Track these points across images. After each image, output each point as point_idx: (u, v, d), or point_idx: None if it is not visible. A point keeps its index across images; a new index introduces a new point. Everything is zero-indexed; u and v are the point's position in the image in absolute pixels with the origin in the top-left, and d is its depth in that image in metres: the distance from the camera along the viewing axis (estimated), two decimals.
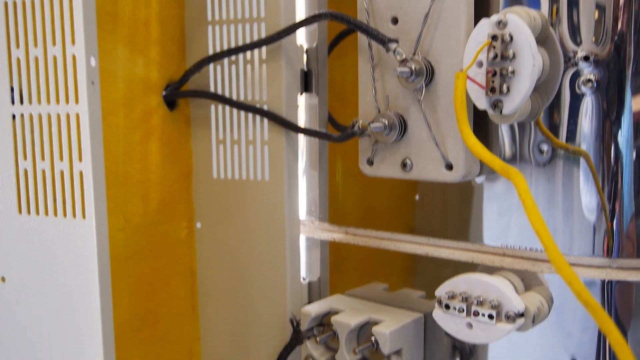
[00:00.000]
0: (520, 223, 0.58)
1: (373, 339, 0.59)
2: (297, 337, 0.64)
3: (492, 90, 0.48)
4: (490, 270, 0.58)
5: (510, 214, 0.59)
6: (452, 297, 0.55)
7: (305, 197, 0.70)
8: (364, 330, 0.63)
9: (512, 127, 0.58)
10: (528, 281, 0.57)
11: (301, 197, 0.68)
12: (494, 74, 0.48)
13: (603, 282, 0.55)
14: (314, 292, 0.72)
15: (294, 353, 0.66)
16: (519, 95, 0.47)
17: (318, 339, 0.62)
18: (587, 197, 0.56)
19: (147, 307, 0.66)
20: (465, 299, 0.54)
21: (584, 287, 0.41)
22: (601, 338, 0.57)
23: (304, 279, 0.71)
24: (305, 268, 0.71)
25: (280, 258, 0.65)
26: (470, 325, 0.54)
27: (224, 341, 0.71)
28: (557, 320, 0.57)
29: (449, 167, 0.54)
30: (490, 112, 0.49)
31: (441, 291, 0.55)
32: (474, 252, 0.58)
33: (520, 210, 0.59)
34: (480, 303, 0.53)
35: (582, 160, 0.55)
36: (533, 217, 0.42)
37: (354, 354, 0.60)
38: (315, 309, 0.64)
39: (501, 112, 0.48)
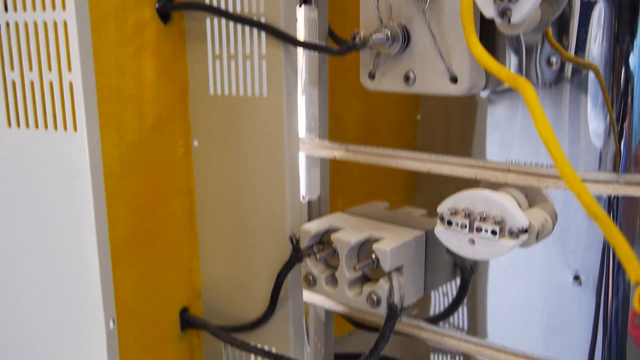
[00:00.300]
0: (525, 138, 0.56)
1: (373, 256, 0.58)
2: (296, 255, 0.64)
3: None
4: (494, 186, 0.57)
5: (514, 129, 0.57)
6: (454, 213, 0.54)
7: (304, 114, 0.68)
8: (364, 248, 0.62)
9: (519, 40, 0.56)
10: (532, 197, 0.56)
11: (300, 114, 0.66)
12: None
13: (609, 198, 0.54)
14: (313, 211, 0.71)
15: (293, 271, 0.66)
16: (528, 2, 0.45)
17: (318, 257, 0.62)
18: (595, 122, 0.55)
19: (144, 225, 0.65)
20: (468, 215, 0.53)
21: (592, 199, 0.40)
22: (606, 253, 0.56)
23: (303, 197, 0.70)
24: (305, 187, 0.70)
25: (280, 176, 0.64)
26: (472, 242, 0.53)
27: (223, 260, 0.71)
28: (561, 236, 0.57)
29: (454, 79, 0.52)
30: (497, 20, 0.47)
31: (443, 207, 0.55)
32: (477, 168, 0.57)
33: (525, 125, 0.58)
34: (483, 219, 0.52)
35: (590, 81, 0.54)
36: (541, 126, 0.41)
37: (354, 270, 0.60)
38: (315, 226, 0.63)
39: (509, 20, 0.46)
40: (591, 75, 0.55)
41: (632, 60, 0.52)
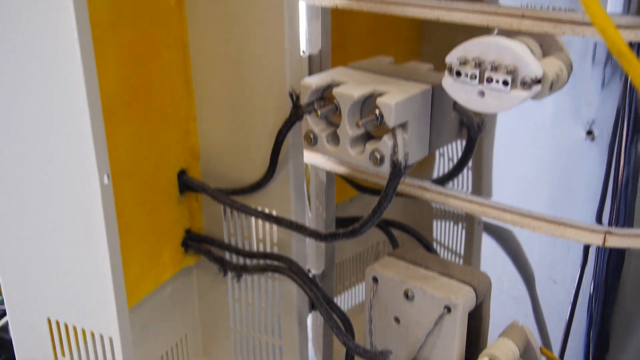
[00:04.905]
0: None
1: (377, 111, 0.55)
2: (296, 112, 0.61)
3: None
4: (508, 34, 0.53)
5: None
6: (464, 62, 0.51)
7: None
8: (367, 104, 0.59)
9: None
10: (547, 46, 0.53)
11: None
12: None
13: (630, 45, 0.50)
14: (314, 66, 0.68)
15: (293, 131, 0.63)
16: None
17: (319, 113, 0.59)
18: None
19: (137, 80, 0.62)
20: (479, 65, 0.50)
21: (619, 35, 0.36)
22: (622, 107, 0.53)
23: (303, 52, 0.67)
24: (306, 40, 0.66)
25: (278, 27, 0.60)
26: (482, 94, 0.51)
27: (221, 119, 0.68)
28: (575, 88, 0.54)
29: None
30: None
31: (452, 57, 0.51)
32: (489, 14, 0.53)
33: None
34: (495, 68, 0.49)
35: None
36: None
37: (356, 127, 0.57)
38: (315, 81, 0.60)
39: None
40: None
41: None
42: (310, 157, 0.70)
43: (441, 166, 0.76)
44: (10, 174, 0.57)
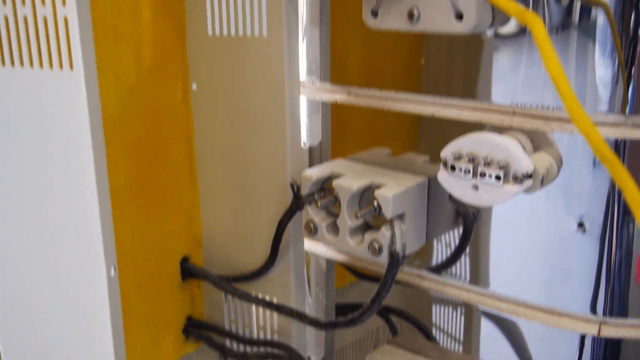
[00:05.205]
0: (532, 79, 0.55)
1: (375, 202, 0.57)
2: (297, 203, 0.63)
3: None
4: (499, 130, 0.55)
5: (520, 69, 0.56)
6: (458, 157, 0.53)
7: (305, 56, 0.66)
8: (365, 195, 0.61)
9: None
10: (537, 141, 0.55)
11: (301, 56, 0.65)
12: None
13: (616, 142, 0.53)
14: (314, 158, 0.70)
15: (294, 219, 0.65)
16: None
17: (319, 204, 0.61)
18: (602, 69, 0.53)
19: (144, 172, 0.64)
20: (472, 160, 0.52)
21: (601, 139, 0.38)
22: (611, 200, 0.55)
23: (304, 143, 0.69)
24: (306, 132, 0.69)
25: (280, 120, 0.63)
26: (476, 187, 0.52)
27: (224, 208, 0.70)
28: (566, 182, 0.55)
29: (459, 16, 0.50)
30: None
31: (447, 152, 0.53)
32: (481, 111, 0.56)
33: (531, 65, 0.56)
34: (488, 164, 0.51)
35: (598, 27, 0.52)
36: (550, 63, 0.39)
37: (355, 218, 0.59)
38: (316, 173, 0.62)
39: None
40: (599, 20, 0.53)
41: None
42: (311, 245, 0.71)
43: (439, 252, 0.77)
44: (20, 266, 0.59)
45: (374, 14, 0.55)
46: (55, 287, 0.57)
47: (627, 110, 0.53)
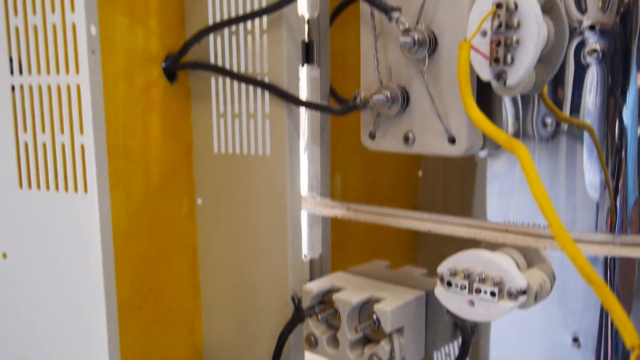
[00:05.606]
0: (523, 199, 0.57)
1: (375, 316, 0.58)
2: (298, 315, 0.64)
3: (496, 60, 0.47)
4: (493, 246, 0.57)
5: (512, 189, 0.58)
6: (454, 274, 0.54)
7: (306, 173, 0.69)
8: (365, 308, 0.62)
9: (515, 100, 0.57)
10: (530, 258, 0.56)
11: (303, 173, 0.67)
12: (498, 44, 0.47)
13: (606, 259, 0.54)
14: (315, 270, 0.71)
15: (295, 331, 0.66)
16: (523, 65, 0.46)
17: (320, 317, 0.62)
18: (591, 174, 0.55)
19: (149, 285, 0.66)
20: (468, 276, 0.53)
21: (587, 263, 0.40)
22: (604, 315, 0.56)
23: (305, 256, 0.70)
24: (307, 245, 0.70)
25: (282, 235, 0.65)
26: (472, 303, 0.53)
27: (226, 319, 0.71)
28: (560, 297, 0.56)
29: (452, 140, 0.53)
30: (494, 83, 0.48)
31: (443, 268, 0.55)
32: (476, 228, 0.58)
33: (523, 186, 0.58)
34: (483, 280, 0.52)
35: (586, 136, 0.54)
36: (536, 190, 0.41)
37: (355, 331, 0.60)
38: (316, 286, 0.63)
39: (505, 83, 0.47)
40: (585, 138, 0.55)
41: (626, 114, 0.53)
42: (311, 358, 0.71)
43: None
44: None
45: (372, 136, 0.58)
46: None
47: (617, 221, 0.55)
